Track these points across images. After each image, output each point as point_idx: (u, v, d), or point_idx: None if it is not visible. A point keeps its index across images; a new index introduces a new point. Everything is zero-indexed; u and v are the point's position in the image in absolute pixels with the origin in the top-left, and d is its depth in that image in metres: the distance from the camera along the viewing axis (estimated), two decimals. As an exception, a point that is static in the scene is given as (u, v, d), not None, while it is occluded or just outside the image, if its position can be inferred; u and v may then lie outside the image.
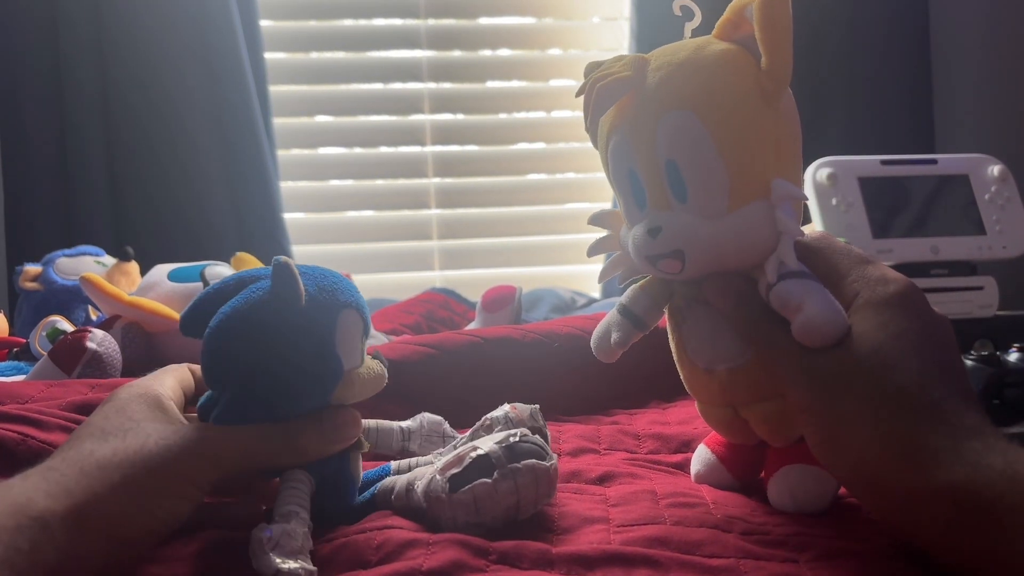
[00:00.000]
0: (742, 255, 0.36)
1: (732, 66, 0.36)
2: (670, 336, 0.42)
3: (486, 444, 0.37)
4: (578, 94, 0.39)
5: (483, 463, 0.36)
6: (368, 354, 0.41)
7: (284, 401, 0.36)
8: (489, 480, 0.36)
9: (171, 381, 0.39)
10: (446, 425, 0.48)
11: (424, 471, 0.39)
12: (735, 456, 0.43)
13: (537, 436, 0.39)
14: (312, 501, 0.36)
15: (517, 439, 0.38)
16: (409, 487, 0.39)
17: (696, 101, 0.35)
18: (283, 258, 0.35)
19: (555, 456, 0.39)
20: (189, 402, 0.41)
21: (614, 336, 0.42)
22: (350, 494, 0.40)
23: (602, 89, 0.37)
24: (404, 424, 0.47)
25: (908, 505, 0.31)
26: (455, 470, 0.36)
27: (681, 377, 0.42)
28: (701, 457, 0.45)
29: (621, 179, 0.39)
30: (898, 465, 0.31)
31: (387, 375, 0.41)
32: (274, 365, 0.35)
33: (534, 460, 0.37)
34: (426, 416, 0.48)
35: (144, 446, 0.32)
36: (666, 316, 0.42)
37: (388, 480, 0.41)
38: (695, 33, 0.39)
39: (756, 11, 0.34)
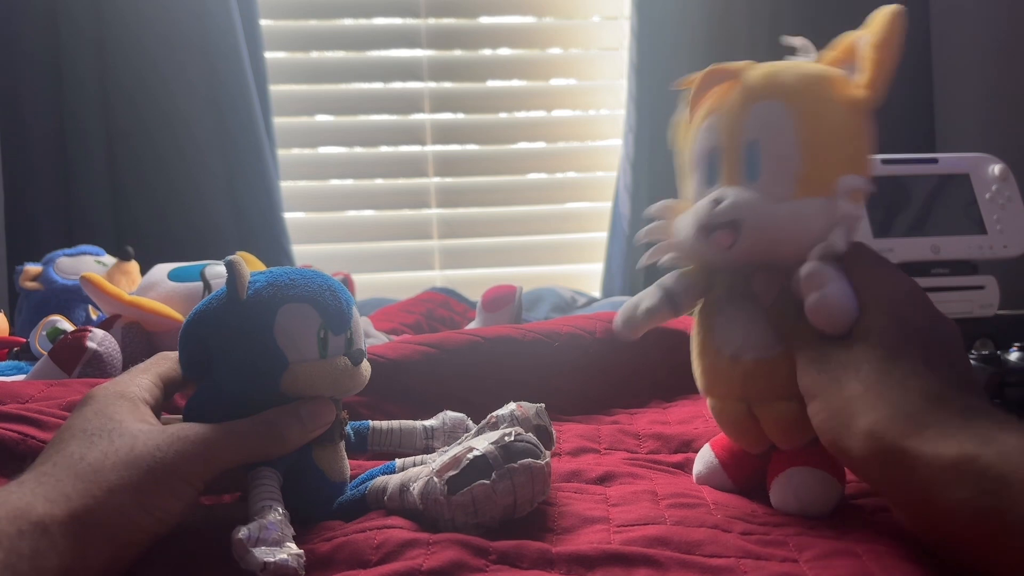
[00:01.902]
0: (792, 243, 0.38)
1: (831, 76, 0.40)
2: (696, 328, 0.43)
3: (481, 444, 0.37)
4: (687, 83, 0.42)
5: (480, 464, 0.36)
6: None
7: (234, 387, 0.37)
8: (487, 481, 0.36)
9: (146, 381, 0.39)
10: (469, 421, 0.48)
11: (417, 472, 0.39)
12: (737, 463, 0.43)
13: (530, 435, 0.39)
14: (282, 492, 0.36)
15: (512, 438, 0.38)
16: (403, 488, 0.38)
17: (789, 94, 0.39)
18: (233, 257, 0.38)
19: (548, 454, 0.39)
20: (171, 393, 0.41)
21: (644, 304, 0.43)
22: (317, 484, 0.40)
23: (710, 71, 0.41)
24: (427, 423, 0.47)
25: (916, 478, 0.30)
26: (452, 472, 0.36)
27: (699, 371, 0.43)
28: (704, 458, 0.45)
29: (701, 158, 0.41)
30: (906, 436, 0.31)
31: (366, 374, 0.41)
32: (222, 352, 0.38)
33: (530, 459, 0.37)
34: (448, 414, 0.48)
35: (134, 447, 0.32)
36: (696, 310, 0.43)
37: (380, 479, 0.40)
38: None
39: (878, 24, 0.39)
